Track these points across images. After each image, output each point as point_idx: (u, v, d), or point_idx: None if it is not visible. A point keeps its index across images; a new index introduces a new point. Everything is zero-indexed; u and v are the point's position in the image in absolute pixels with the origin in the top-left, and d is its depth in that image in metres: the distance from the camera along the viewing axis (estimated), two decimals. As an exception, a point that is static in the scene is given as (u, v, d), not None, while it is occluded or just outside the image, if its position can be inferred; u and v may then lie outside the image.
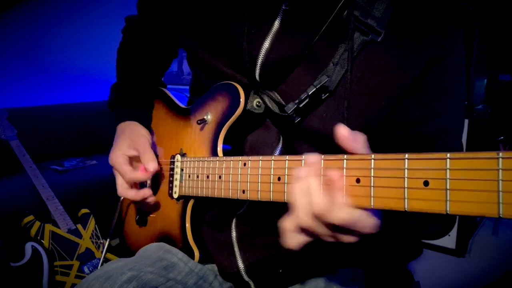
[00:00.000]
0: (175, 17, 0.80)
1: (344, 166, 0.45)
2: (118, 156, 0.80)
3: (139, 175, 0.79)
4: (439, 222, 0.67)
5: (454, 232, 2.09)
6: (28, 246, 1.46)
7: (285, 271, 0.75)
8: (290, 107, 0.63)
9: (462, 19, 0.62)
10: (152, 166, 0.78)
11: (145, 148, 0.80)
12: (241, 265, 0.74)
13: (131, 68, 0.96)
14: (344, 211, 0.44)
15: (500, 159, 0.33)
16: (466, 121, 1.99)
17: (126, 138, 0.82)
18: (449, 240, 2.11)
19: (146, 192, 0.81)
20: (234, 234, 0.75)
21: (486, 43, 2.11)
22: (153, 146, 0.90)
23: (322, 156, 0.48)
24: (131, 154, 0.81)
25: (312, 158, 0.48)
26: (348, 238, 0.47)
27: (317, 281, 0.76)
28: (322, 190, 0.46)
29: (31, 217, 1.54)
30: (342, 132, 0.45)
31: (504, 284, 1.88)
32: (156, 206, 0.86)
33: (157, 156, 0.88)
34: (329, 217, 0.44)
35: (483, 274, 1.99)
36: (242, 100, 0.68)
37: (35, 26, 2.39)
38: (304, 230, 0.49)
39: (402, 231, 0.67)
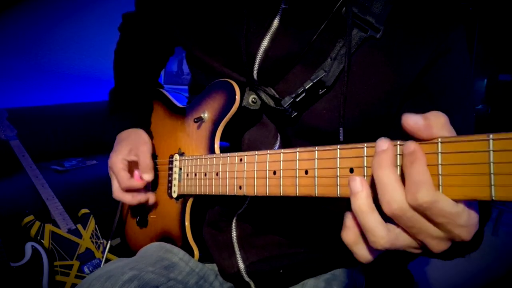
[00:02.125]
0: (172, 15, 0.80)
1: (338, 156, 0.45)
2: (119, 161, 0.81)
3: (135, 183, 0.81)
4: None
5: (454, 232, 2.09)
6: (28, 246, 1.45)
7: (285, 271, 0.75)
8: (287, 101, 0.63)
9: (461, 15, 0.62)
10: (148, 177, 0.81)
11: (145, 157, 0.82)
12: (241, 265, 0.74)
13: (128, 67, 0.96)
14: (432, 195, 0.35)
15: (491, 141, 0.33)
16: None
17: (128, 143, 0.84)
18: (449, 240, 2.11)
19: (142, 197, 0.83)
20: (234, 234, 0.75)
21: (486, 43, 2.11)
22: (152, 147, 0.90)
23: (316, 147, 0.48)
24: (131, 159, 0.82)
25: (383, 148, 0.38)
26: (439, 245, 0.37)
27: (317, 281, 0.76)
28: (399, 183, 0.37)
29: (31, 217, 1.53)
30: (410, 124, 0.36)
31: (504, 284, 1.88)
32: (156, 206, 0.86)
33: (156, 156, 0.88)
34: (414, 208, 0.36)
35: (483, 274, 1.99)
36: (237, 97, 0.68)
37: (35, 26, 2.39)
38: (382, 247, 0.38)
39: None
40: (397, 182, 0.37)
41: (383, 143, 0.38)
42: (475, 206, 0.36)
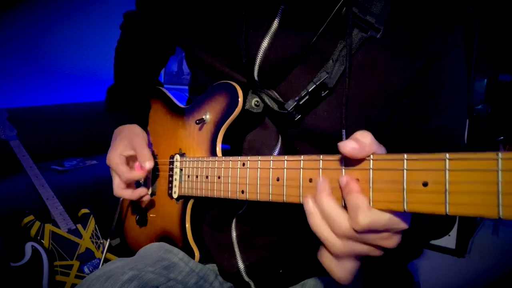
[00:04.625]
0: (172, 16, 0.80)
1: (343, 166, 0.45)
2: (116, 157, 0.81)
3: (136, 173, 0.80)
4: (439, 220, 0.67)
5: (454, 232, 2.09)
6: (28, 246, 1.45)
7: (285, 271, 0.75)
8: (290, 104, 0.63)
9: (461, 16, 0.62)
10: (148, 164, 0.79)
11: (142, 147, 0.81)
12: (241, 265, 0.74)
13: (128, 66, 0.96)
14: (369, 216, 0.41)
15: (500, 160, 0.32)
16: (466, 121, 1.99)
17: (123, 139, 0.83)
18: (449, 240, 2.11)
19: (142, 191, 0.82)
20: (234, 234, 0.75)
21: (486, 43, 2.11)
22: (152, 146, 0.90)
23: (321, 156, 0.48)
24: (128, 154, 0.82)
25: (320, 182, 0.45)
26: (391, 242, 0.43)
27: (317, 281, 0.76)
28: (339, 208, 0.43)
29: (31, 217, 1.53)
30: (347, 151, 0.41)
31: (504, 284, 1.88)
32: (156, 206, 0.86)
33: (156, 156, 0.88)
34: (360, 232, 0.42)
35: (483, 274, 1.99)
36: (240, 99, 0.68)
37: (35, 26, 2.39)
38: (344, 257, 0.45)
39: (416, 230, 0.67)
40: (339, 208, 0.43)
41: (324, 180, 0.45)
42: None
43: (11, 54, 2.31)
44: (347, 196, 0.43)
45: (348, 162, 0.45)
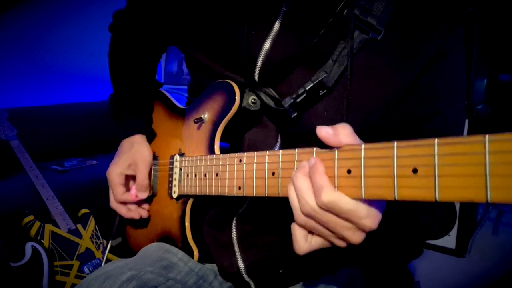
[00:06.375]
0: (171, 20, 0.80)
1: (336, 157, 0.45)
2: (116, 176, 0.83)
3: (129, 198, 0.85)
4: (440, 220, 0.67)
5: (454, 232, 2.09)
6: (28, 246, 1.46)
7: (285, 271, 0.75)
8: (287, 101, 0.64)
9: (462, 17, 0.62)
10: (142, 195, 0.84)
11: (142, 176, 0.84)
12: (241, 265, 0.74)
13: (124, 69, 0.95)
14: (331, 195, 0.43)
15: (487, 142, 0.32)
16: (466, 121, 1.99)
17: (129, 158, 0.85)
18: (449, 240, 2.11)
19: (135, 215, 0.86)
20: (234, 233, 0.75)
21: (486, 43, 2.11)
22: (153, 147, 0.90)
23: (314, 149, 0.48)
24: (129, 173, 0.85)
25: (303, 162, 0.48)
26: (354, 236, 0.45)
27: (316, 282, 0.76)
28: (311, 189, 0.46)
29: (31, 217, 1.53)
30: (322, 134, 0.45)
31: (504, 284, 1.88)
32: (156, 206, 0.87)
33: (157, 157, 0.89)
34: (321, 208, 0.45)
35: (483, 274, 1.99)
36: (237, 97, 0.68)
37: (35, 26, 2.39)
38: (308, 231, 0.49)
39: (408, 229, 0.67)
40: (310, 189, 0.46)
41: (306, 162, 0.47)
42: (376, 201, 0.44)
43: (11, 54, 2.31)
44: (314, 175, 0.45)
45: (341, 153, 0.45)
